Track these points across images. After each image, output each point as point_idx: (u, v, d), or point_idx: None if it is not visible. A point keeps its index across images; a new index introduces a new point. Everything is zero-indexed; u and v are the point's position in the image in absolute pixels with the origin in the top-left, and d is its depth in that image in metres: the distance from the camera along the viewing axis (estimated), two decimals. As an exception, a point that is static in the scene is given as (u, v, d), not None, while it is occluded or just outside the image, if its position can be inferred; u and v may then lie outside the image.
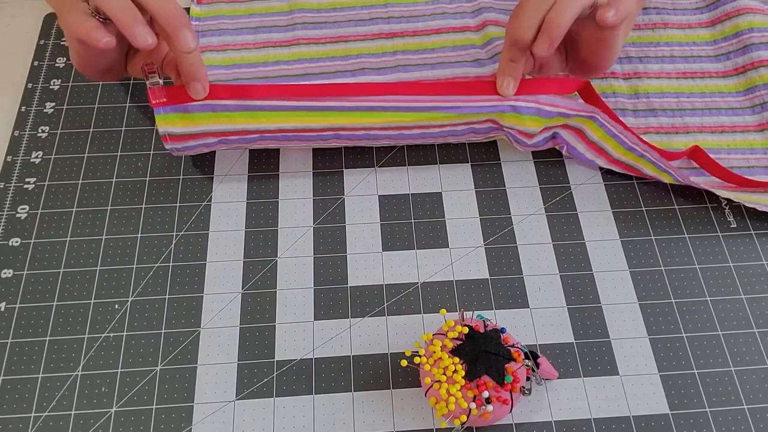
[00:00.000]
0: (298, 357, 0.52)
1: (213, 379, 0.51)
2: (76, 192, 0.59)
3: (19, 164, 0.60)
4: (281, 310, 0.54)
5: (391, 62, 0.66)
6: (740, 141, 0.62)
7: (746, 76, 0.65)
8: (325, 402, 0.50)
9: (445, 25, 0.68)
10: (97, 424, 0.49)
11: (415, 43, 0.67)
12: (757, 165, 0.60)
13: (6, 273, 0.55)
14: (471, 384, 0.45)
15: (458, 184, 0.60)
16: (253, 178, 0.60)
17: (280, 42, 0.67)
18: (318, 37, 0.67)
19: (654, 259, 0.56)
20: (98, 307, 0.54)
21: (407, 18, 0.69)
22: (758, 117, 0.63)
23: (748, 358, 0.52)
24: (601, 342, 0.53)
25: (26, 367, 0.51)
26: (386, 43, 0.67)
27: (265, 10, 0.69)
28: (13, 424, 0.49)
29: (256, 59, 0.66)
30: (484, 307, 0.54)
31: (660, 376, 0.51)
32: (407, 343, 0.53)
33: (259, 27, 0.68)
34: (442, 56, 0.66)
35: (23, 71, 0.66)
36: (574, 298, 0.55)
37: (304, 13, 0.69)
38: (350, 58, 0.66)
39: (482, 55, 0.66)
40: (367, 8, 0.69)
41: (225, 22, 0.68)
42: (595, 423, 0.50)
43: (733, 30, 0.67)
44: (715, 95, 0.64)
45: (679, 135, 0.62)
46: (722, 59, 0.66)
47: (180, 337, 0.53)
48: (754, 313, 0.54)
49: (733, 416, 0.50)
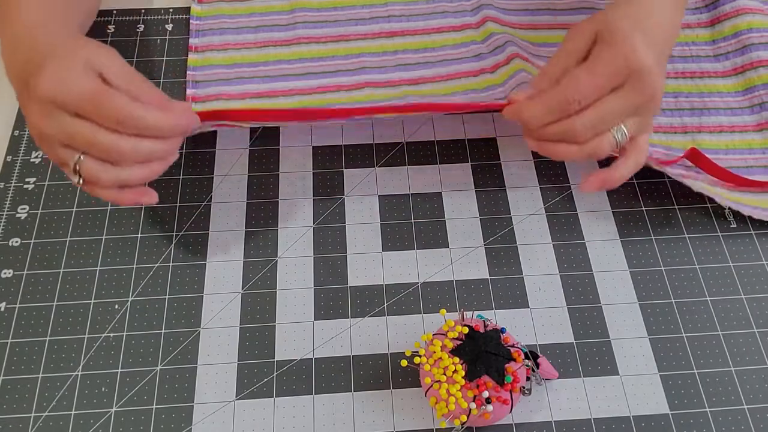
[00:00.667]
0: (298, 357, 0.52)
1: (213, 379, 0.51)
2: (76, 192, 0.59)
3: (19, 164, 0.60)
4: (281, 310, 0.54)
5: (391, 61, 0.66)
6: (739, 141, 0.61)
7: (745, 76, 0.65)
8: (325, 402, 0.50)
9: (446, 24, 0.68)
10: (97, 424, 0.49)
11: (415, 42, 0.67)
12: (755, 165, 0.60)
13: (6, 273, 0.55)
14: (471, 384, 0.45)
15: (458, 184, 0.60)
16: (253, 178, 0.60)
17: (281, 41, 0.67)
18: (319, 36, 0.67)
19: (654, 259, 0.56)
20: (98, 307, 0.54)
21: (408, 17, 0.69)
22: (757, 117, 0.63)
23: (748, 358, 0.52)
24: (601, 342, 0.53)
25: (26, 367, 0.51)
26: (387, 42, 0.67)
27: (265, 9, 0.69)
28: (13, 424, 0.49)
29: (257, 58, 0.66)
30: (484, 307, 0.54)
31: (660, 376, 0.51)
32: (407, 343, 0.53)
33: (260, 26, 0.68)
34: (443, 54, 0.66)
35: (23, 71, 0.66)
36: (574, 298, 0.55)
37: (305, 12, 0.69)
38: (351, 57, 0.66)
39: (483, 49, 0.66)
40: (367, 7, 0.69)
41: (225, 21, 0.68)
42: (595, 423, 0.50)
43: (732, 30, 0.67)
44: (713, 95, 0.64)
45: (678, 135, 0.62)
46: (721, 59, 0.66)
47: (180, 337, 0.53)
48: (754, 313, 0.54)
49: (733, 416, 0.50)
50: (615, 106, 0.46)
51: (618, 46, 0.45)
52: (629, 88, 0.45)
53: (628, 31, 0.45)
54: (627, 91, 0.45)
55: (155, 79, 0.65)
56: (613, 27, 0.46)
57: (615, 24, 0.46)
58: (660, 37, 0.48)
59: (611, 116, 0.46)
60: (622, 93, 0.46)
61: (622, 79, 0.45)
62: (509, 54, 0.64)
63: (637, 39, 0.45)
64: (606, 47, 0.45)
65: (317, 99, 0.63)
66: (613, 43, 0.45)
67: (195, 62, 0.65)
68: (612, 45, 0.45)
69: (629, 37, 0.45)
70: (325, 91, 0.64)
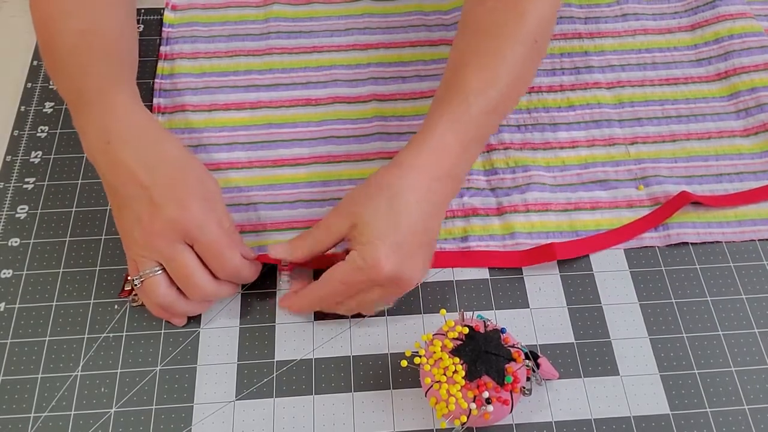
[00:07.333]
0: (298, 357, 0.52)
1: (213, 379, 0.51)
2: (75, 192, 0.59)
3: (19, 164, 0.60)
4: (281, 310, 0.54)
5: (363, 74, 0.65)
6: (728, 146, 0.61)
7: (729, 81, 0.64)
8: (325, 402, 0.50)
9: (423, 38, 0.67)
10: (97, 425, 0.49)
11: (389, 55, 0.66)
12: (745, 171, 0.60)
13: (6, 273, 0.55)
14: (471, 384, 0.45)
15: (458, 184, 0.60)
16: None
17: (253, 51, 0.66)
18: (291, 46, 0.66)
19: (654, 260, 0.56)
20: (98, 307, 0.54)
21: (384, 29, 0.68)
22: (743, 122, 0.63)
23: (749, 359, 0.52)
24: (601, 342, 0.53)
25: (26, 367, 0.51)
26: (360, 54, 0.66)
27: (239, 18, 0.68)
28: (12, 424, 0.49)
29: (227, 68, 0.65)
30: (484, 307, 0.54)
31: (660, 376, 0.51)
32: (407, 343, 0.52)
33: (233, 35, 0.67)
34: (416, 70, 0.65)
35: (23, 71, 0.66)
36: (574, 298, 0.54)
37: (280, 22, 0.68)
38: (322, 69, 0.65)
39: None
40: (344, 18, 0.68)
41: (198, 29, 0.67)
42: (595, 423, 0.49)
43: (713, 36, 0.67)
44: (699, 101, 0.64)
45: (666, 144, 0.61)
46: (704, 64, 0.66)
47: (180, 337, 0.53)
48: (755, 313, 0.54)
49: (734, 416, 0.50)
50: (373, 296, 0.49)
51: (365, 259, 0.47)
52: (384, 287, 0.48)
53: (375, 242, 0.47)
54: (382, 288, 0.49)
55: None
56: (360, 235, 0.47)
57: (362, 231, 0.47)
58: (421, 228, 0.48)
59: (370, 303, 0.50)
60: (378, 289, 0.49)
61: (374, 284, 0.48)
62: None
63: (382, 252, 0.46)
64: (356, 258, 0.47)
65: (284, 115, 0.62)
66: (360, 255, 0.47)
67: (163, 70, 0.65)
68: (361, 258, 0.47)
69: (373, 251, 0.47)
70: (293, 104, 0.63)
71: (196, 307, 0.52)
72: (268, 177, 0.59)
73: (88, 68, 0.52)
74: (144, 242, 0.48)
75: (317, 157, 0.60)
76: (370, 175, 0.50)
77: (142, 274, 0.49)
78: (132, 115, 0.51)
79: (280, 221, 0.57)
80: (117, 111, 0.50)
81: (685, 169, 0.60)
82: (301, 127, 0.62)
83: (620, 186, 0.59)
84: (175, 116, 0.62)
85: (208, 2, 0.69)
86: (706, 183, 0.59)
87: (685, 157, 0.61)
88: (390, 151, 0.61)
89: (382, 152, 0.61)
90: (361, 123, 0.62)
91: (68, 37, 0.53)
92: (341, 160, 0.60)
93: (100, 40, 0.53)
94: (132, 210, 0.49)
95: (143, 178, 0.48)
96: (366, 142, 0.61)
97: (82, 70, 0.52)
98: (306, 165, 0.60)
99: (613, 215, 0.58)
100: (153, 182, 0.48)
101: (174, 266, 0.49)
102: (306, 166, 0.60)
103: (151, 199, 0.48)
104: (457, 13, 0.68)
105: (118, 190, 0.49)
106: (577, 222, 0.57)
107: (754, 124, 0.62)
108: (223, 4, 0.69)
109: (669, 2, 0.70)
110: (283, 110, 0.63)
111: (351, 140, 0.61)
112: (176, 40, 0.67)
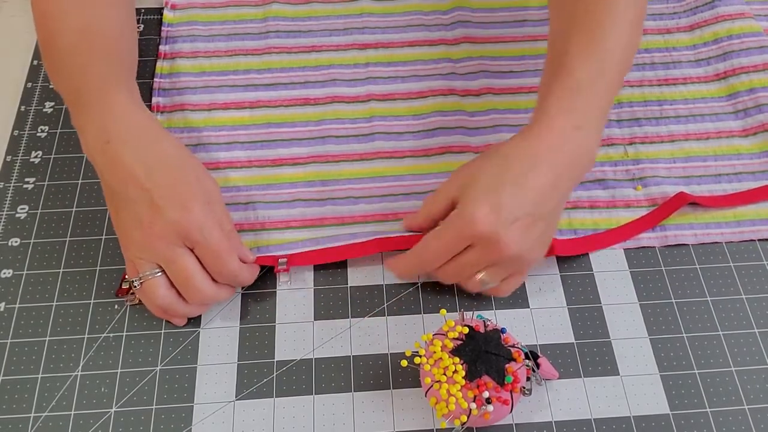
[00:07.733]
0: (298, 357, 0.52)
1: (213, 379, 0.51)
2: (75, 192, 0.59)
3: (19, 164, 0.60)
4: (281, 310, 0.54)
5: (362, 74, 0.65)
6: (726, 147, 0.61)
7: (727, 81, 0.65)
8: (325, 402, 0.50)
9: (421, 38, 0.67)
10: (97, 425, 0.49)
11: (387, 55, 0.66)
12: (744, 171, 0.60)
13: (6, 273, 0.55)
14: (471, 384, 0.45)
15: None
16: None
17: (252, 50, 0.66)
18: (290, 46, 0.66)
19: (654, 259, 0.56)
20: (98, 307, 0.54)
21: (383, 29, 0.68)
22: (742, 123, 0.63)
23: (749, 358, 0.52)
24: (601, 342, 0.53)
25: (26, 367, 0.51)
26: (358, 54, 0.66)
27: (239, 17, 0.68)
28: (12, 424, 0.49)
29: (227, 67, 0.65)
30: (484, 307, 0.54)
31: (660, 376, 0.51)
32: (407, 343, 0.52)
33: (232, 34, 0.67)
34: (414, 69, 0.65)
35: (23, 71, 0.66)
36: (574, 298, 0.54)
37: (278, 22, 0.68)
38: (321, 69, 0.65)
39: (456, 69, 0.65)
40: (342, 18, 0.68)
41: (197, 28, 0.67)
42: (595, 423, 0.49)
43: (712, 36, 0.67)
44: (698, 101, 0.64)
45: (665, 144, 0.61)
46: (703, 64, 0.66)
47: (180, 337, 0.53)
48: (755, 313, 0.54)
49: (734, 416, 0.50)
50: (470, 259, 0.49)
51: (462, 215, 0.47)
52: (478, 248, 0.48)
53: (477, 198, 0.47)
54: (477, 250, 0.48)
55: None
56: (464, 194, 0.48)
57: (467, 191, 0.48)
58: (530, 198, 0.47)
59: (468, 267, 0.50)
60: (473, 251, 0.49)
61: (468, 242, 0.48)
62: (481, 86, 0.64)
63: (481, 209, 0.46)
64: (454, 214, 0.48)
65: (283, 114, 0.62)
66: (459, 211, 0.48)
67: (162, 69, 0.65)
68: (458, 213, 0.48)
69: (472, 206, 0.47)
70: (292, 104, 0.63)
71: (195, 309, 0.52)
72: (266, 176, 0.59)
73: (87, 67, 0.52)
74: (143, 244, 0.48)
75: (316, 157, 0.60)
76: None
77: (141, 276, 0.49)
78: (131, 115, 0.51)
79: (278, 220, 0.57)
80: (116, 111, 0.50)
81: (683, 169, 0.60)
82: (300, 127, 0.62)
83: (618, 186, 0.59)
84: (174, 115, 0.62)
85: (208, 1, 0.69)
86: (704, 183, 0.59)
87: (684, 157, 0.61)
88: (389, 150, 0.61)
89: (381, 152, 0.61)
90: (359, 122, 0.62)
91: (68, 36, 0.53)
92: (340, 160, 0.60)
93: (99, 40, 0.53)
94: (131, 211, 0.49)
95: (143, 178, 0.48)
96: (364, 142, 0.61)
97: (82, 69, 0.52)
98: (304, 164, 0.60)
99: (611, 215, 0.58)
100: (153, 183, 0.48)
101: (174, 269, 0.49)
102: (304, 166, 0.60)
103: (151, 200, 0.48)
104: (457, 13, 0.68)
105: (117, 190, 0.49)
106: (576, 220, 0.57)
107: (753, 125, 0.62)
108: (222, 4, 0.69)
109: (668, 2, 0.70)
110: (282, 109, 0.63)
111: (350, 140, 0.61)
112: (175, 39, 0.67)
